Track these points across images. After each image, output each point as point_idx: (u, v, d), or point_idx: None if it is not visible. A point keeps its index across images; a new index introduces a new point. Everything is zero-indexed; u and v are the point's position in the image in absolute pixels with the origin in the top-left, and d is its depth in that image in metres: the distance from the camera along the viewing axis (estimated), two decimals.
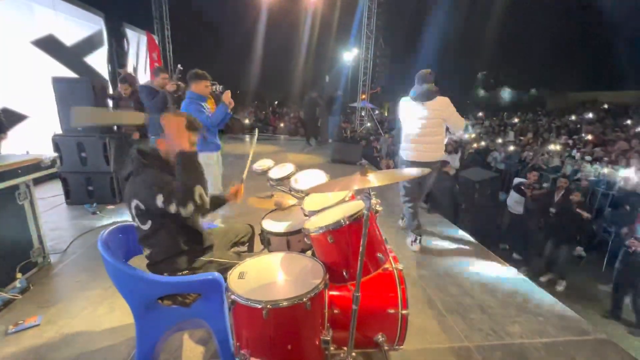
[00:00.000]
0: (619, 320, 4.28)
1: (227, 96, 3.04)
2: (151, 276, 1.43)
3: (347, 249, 1.44)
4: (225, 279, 1.53)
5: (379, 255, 1.51)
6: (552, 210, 5.60)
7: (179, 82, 3.87)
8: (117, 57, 7.59)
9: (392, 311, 1.60)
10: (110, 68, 7.27)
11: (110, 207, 4.15)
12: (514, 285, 2.79)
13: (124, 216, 3.92)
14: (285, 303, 1.22)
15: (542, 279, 5.04)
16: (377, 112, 13.36)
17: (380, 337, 1.62)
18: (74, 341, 1.94)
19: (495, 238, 6.21)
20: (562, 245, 4.93)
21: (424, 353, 1.95)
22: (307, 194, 2.17)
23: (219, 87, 3.40)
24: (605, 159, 9.28)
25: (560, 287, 4.87)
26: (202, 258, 1.65)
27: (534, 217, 5.87)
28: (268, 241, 2.08)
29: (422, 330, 2.14)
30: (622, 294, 4.26)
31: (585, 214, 4.82)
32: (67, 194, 4.16)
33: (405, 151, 3.19)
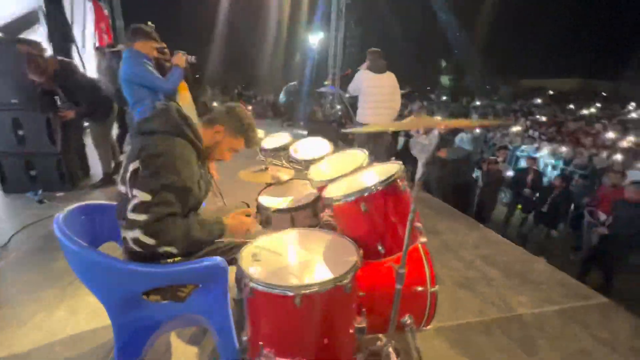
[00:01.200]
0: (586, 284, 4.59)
1: (179, 58, 2.61)
2: (137, 266, 1.09)
3: (384, 219, 1.20)
4: (231, 262, 1.24)
5: (418, 225, 1.30)
6: (527, 190, 5.87)
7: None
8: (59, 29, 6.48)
9: (420, 289, 1.41)
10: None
11: (60, 194, 3.54)
12: (510, 256, 2.77)
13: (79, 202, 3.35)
14: (322, 287, 0.96)
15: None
16: (347, 95, 13.13)
17: (407, 319, 1.42)
18: (28, 357, 1.53)
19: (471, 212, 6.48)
20: (541, 224, 5.14)
21: (445, 331, 1.82)
22: (307, 165, 1.89)
23: (192, 57, 2.90)
24: (559, 138, 10.00)
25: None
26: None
27: (488, 188, 6.19)
28: (267, 220, 1.78)
29: (437, 307, 2.00)
30: (590, 262, 4.55)
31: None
32: (2, 180, 3.47)
33: (365, 116, 3.68)
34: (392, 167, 1.31)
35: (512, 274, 2.47)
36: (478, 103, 19.79)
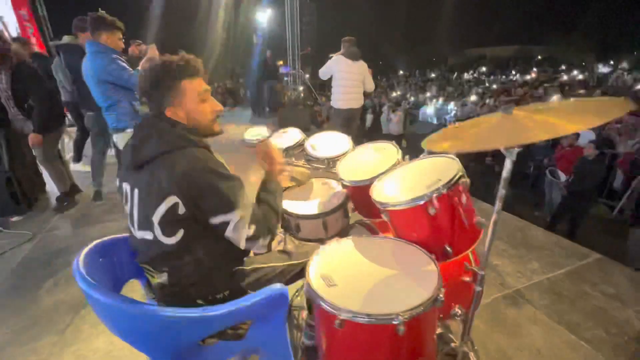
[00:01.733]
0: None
1: (153, 50, 2.33)
2: (201, 312, 0.92)
3: (451, 219, 1.14)
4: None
5: (481, 220, 1.25)
6: (489, 159, 6.23)
7: None
8: None
9: (467, 279, 1.40)
10: None
11: (16, 218, 3.04)
12: (507, 225, 2.92)
13: (41, 228, 2.91)
14: (424, 308, 0.88)
15: None
16: (307, 75, 12.78)
17: (457, 310, 1.41)
18: None
19: None
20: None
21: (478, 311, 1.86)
22: (330, 163, 1.76)
23: (145, 47, 2.57)
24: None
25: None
26: (241, 267, 1.17)
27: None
28: (297, 227, 1.65)
29: None
30: (559, 216, 5.01)
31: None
32: None
33: (339, 101, 3.99)
34: (448, 163, 1.23)
35: (517, 244, 2.60)
36: (433, 75, 20.48)
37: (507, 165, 0.90)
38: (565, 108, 0.77)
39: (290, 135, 1.97)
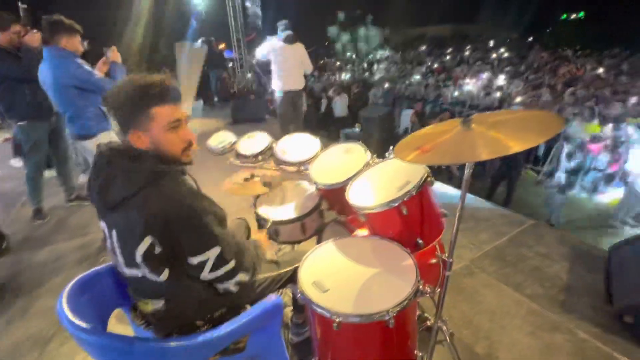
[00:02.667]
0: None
1: (116, 54, 2.34)
2: (202, 338, 0.95)
3: (421, 215, 1.28)
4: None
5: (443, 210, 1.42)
6: None
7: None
8: None
9: (433, 261, 1.59)
10: None
11: None
12: (454, 199, 3.25)
13: None
14: (409, 300, 1.01)
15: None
16: (255, 61, 12.30)
17: (427, 289, 1.61)
18: None
19: None
20: None
21: None
22: (302, 167, 1.82)
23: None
24: (450, 82, 11.49)
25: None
26: None
27: None
28: (275, 232, 1.70)
29: None
30: (496, 183, 5.64)
31: None
32: None
33: (278, 85, 4.16)
34: (414, 164, 1.36)
35: (467, 217, 2.93)
36: (378, 56, 20.99)
37: (467, 173, 1.04)
38: (514, 124, 0.92)
39: (258, 140, 1.98)
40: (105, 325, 1.13)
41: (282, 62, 4.07)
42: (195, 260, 0.95)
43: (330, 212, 1.79)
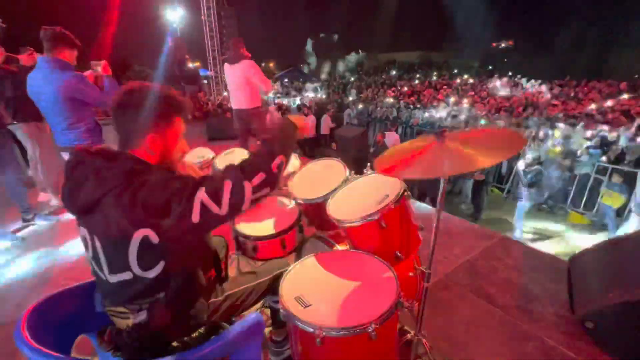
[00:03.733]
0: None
1: (107, 67, 2.37)
2: (181, 358, 0.90)
3: (400, 228, 1.32)
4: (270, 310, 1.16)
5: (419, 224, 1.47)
6: None
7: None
8: None
9: (410, 274, 1.63)
10: None
11: None
12: (428, 215, 3.38)
13: None
14: (390, 312, 1.03)
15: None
16: None
17: (405, 302, 1.64)
18: None
19: None
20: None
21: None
22: (281, 183, 1.82)
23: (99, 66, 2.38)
24: (418, 105, 12.13)
25: None
26: (214, 299, 1.17)
27: None
28: (254, 249, 1.68)
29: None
30: (474, 203, 5.91)
31: None
32: None
33: (232, 103, 4.11)
34: (392, 179, 1.42)
35: (440, 232, 3.03)
36: (352, 79, 21.82)
37: (441, 187, 1.11)
38: (482, 141, 1.00)
39: (237, 156, 1.96)
40: (69, 353, 1.04)
41: (229, 82, 4.06)
42: (196, 216, 0.87)
43: (309, 228, 1.80)
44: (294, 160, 1.92)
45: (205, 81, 11.43)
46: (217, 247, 1.59)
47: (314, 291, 1.15)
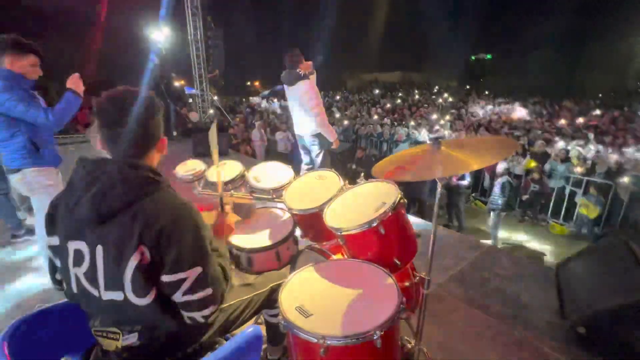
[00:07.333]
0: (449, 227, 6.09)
1: (74, 80, 2.08)
2: None
3: (397, 235, 1.33)
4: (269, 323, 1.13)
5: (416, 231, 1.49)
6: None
7: None
8: None
9: (407, 284, 1.63)
10: None
11: None
12: (420, 228, 3.41)
13: None
14: (394, 320, 1.02)
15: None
16: (216, 98, 12.38)
17: (403, 313, 1.63)
18: None
19: None
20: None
21: None
22: (275, 194, 1.82)
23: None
24: (404, 122, 12.46)
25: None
26: None
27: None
28: (248, 261, 1.64)
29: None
30: (448, 211, 6.03)
31: None
32: None
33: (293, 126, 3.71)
34: (387, 187, 1.44)
35: (431, 243, 3.06)
36: (337, 97, 22.30)
37: (439, 191, 1.13)
38: (476, 146, 1.04)
39: (230, 168, 1.95)
40: None
41: (290, 105, 3.57)
42: (173, 278, 0.89)
43: (304, 239, 1.78)
44: (288, 172, 1.92)
45: (191, 100, 11.40)
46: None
47: (314, 301, 1.12)
